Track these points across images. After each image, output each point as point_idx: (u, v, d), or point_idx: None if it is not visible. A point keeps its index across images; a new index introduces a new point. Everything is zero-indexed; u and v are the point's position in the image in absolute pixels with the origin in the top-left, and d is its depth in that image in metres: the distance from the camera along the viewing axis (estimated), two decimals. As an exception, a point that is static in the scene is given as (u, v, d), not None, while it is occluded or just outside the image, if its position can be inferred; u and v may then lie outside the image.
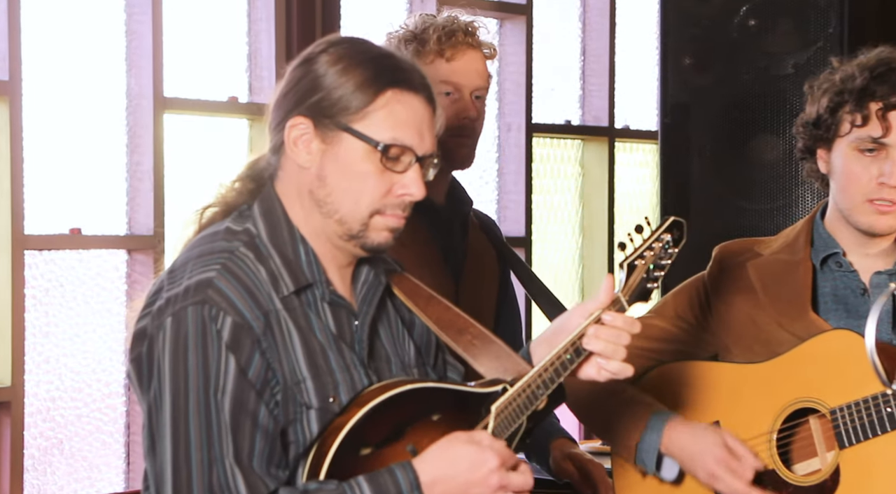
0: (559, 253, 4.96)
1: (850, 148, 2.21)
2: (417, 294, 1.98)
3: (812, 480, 2.18)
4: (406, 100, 1.86)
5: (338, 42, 1.90)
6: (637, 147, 5.18)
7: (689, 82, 3.77)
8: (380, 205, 1.86)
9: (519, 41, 4.63)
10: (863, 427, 2.12)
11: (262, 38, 3.78)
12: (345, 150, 1.85)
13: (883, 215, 2.19)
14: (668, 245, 1.98)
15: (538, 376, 1.89)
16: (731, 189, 3.71)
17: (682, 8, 3.76)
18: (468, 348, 1.93)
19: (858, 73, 2.21)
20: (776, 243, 2.34)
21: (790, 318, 2.24)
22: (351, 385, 1.84)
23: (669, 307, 2.36)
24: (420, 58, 2.58)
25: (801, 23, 3.54)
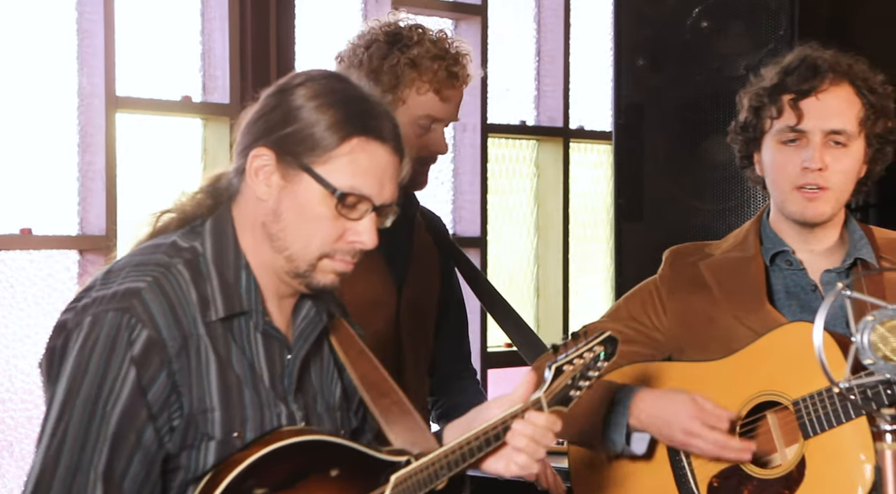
0: (514, 253, 4.97)
1: (774, 142, 2.25)
2: (350, 345, 1.97)
3: (777, 472, 2.19)
4: (372, 149, 1.85)
5: (317, 77, 1.89)
6: (592, 147, 5.20)
7: (642, 83, 3.79)
8: (330, 250, 1.86)
9: (474, 42, 4.64)
10: (826, 416, 2.14)
11: (215, 36, 3.76)
12: (303, 190, 1.85)
13: (811, 201, 2.22)
14: (598, 358, 2.03)
15: (444, 456, 1.89)
16: (685, 189, 3.73)
17: (635, 9, 3.78)
18: (385, 413, 1.94)
19: (774, 73, 2.27)
20: (726, 243, 2.37)
21: (747, 312, 2.25)
22: (260, 423, 1.83)
23: (623, 310, 2.38)
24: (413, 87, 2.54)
25: (753, 25, 3.57)
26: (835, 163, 2.22)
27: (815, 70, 2.23)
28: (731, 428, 2.20)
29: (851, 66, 2.25)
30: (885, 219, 3.90)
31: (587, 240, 5.23)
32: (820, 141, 2.21)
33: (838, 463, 2.14)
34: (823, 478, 2.15)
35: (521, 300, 4.97)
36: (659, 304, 2.33)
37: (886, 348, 1.76)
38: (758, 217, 2.35)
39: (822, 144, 2.21)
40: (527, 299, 5.00)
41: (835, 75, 2.23)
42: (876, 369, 1.77)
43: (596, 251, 5.26)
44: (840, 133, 2.22)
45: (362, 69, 2.57)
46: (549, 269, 5.01)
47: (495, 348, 4.62)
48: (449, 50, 2.58)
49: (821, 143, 2.21)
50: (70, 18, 3.52)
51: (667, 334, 2.33)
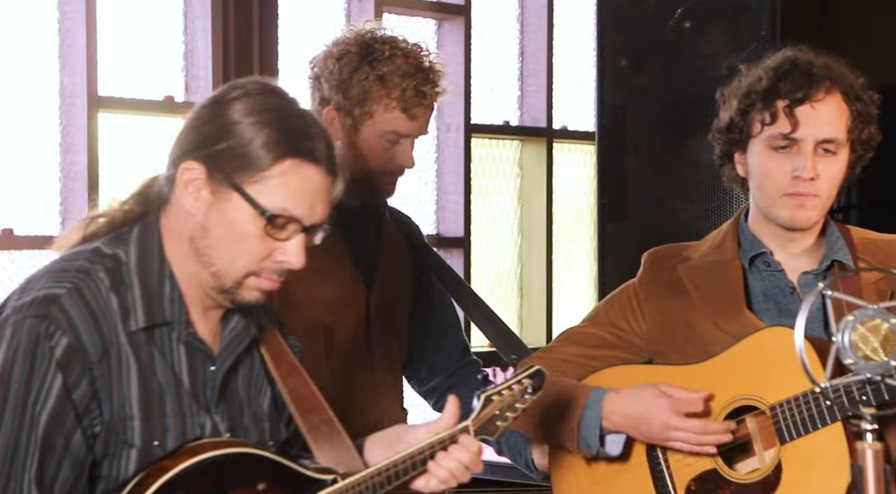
0: (498, 253, 4.97)
1: (764, 147, 2.24)
2: (281, 358, 1.97)
3: (754, 477, 2.20)
4: (304, 171, 1.84)
5: (254, 92, 1.86)
6: (575, 147, 5.21)
7: (625, 83, 3.80)
8: (257, 268, 1.85)
9: (457, 42, 4.64)
10: (803, 421, 2.15)
11: (198, 36, 3.76)
12: (232, 209, 1.83)
13: (801, 208, 2.22)
14: (526, 391, 2.05)
15: (370, 477, 1.89)
16: (667, 189, 3.74)
17: (617, 10, 3.79)
18: (312, 429, 1.93)
19: (764, 75, 2.24)
20: (704, 246, 2.36)
21: (725, 317, 2.26)
22: (182, 431, 1.83)
23: (602, 314, 2.38)
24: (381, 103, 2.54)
25: (735, 25, 3.58)
26: (824, 171, 2.22)
27: (810, 77, 2.21)
28: (705, 412, 2.21)
29: (842, 73, 2.25)
30: (867, 219, 3.92)
31: (570, 241, 5.24)
32: (812, 149, 2.21)
33: (814, 469, 2.14)
34: (799, 484, 2.15)
35: (504, 300, 4.97)
36: (638, 309, 2.34)
37: (867, 348, 1.77)
38: (735, 219, 2.34)
39: (813, 153, 2.21)
40: (510, 299, 5.01)
41: (830, 84, 2.22)
42: (857, 368, 1.77)
43: (579, 251, 5.27)
44: (831, 141, 2.22)
45: (332, 79, 2.58)
46: (533, 269, 5.02)
47: (478, 348, 4.62)
48: (420, 66, 2.57)
49: (812, 152, 2.21)
50: (52, 18, 3.50)
51: (646, 338, 2.33)
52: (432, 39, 4.66)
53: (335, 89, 2.58)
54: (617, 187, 3.88)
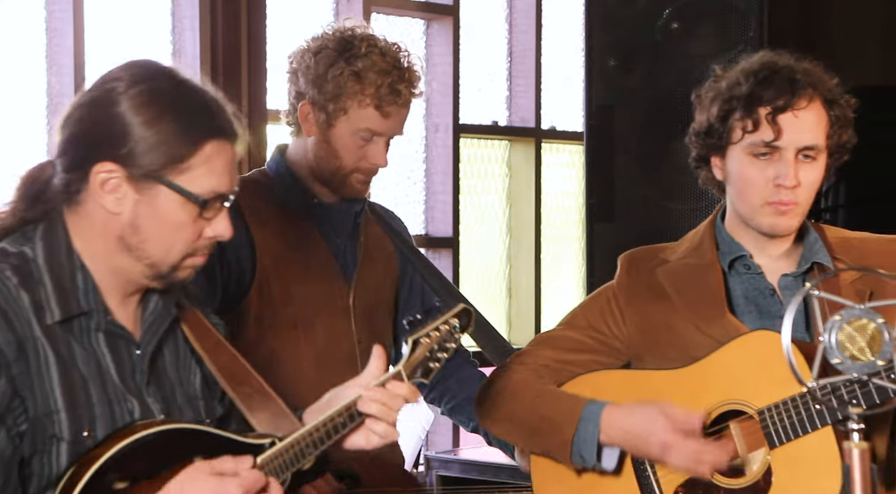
0: (487, 253, 4.97)
1: (744, 153, 2.22)
2: (205, 336, 1.97)
3: (743, 482, 2.18)
4: (223, 150, 1.85)
5: (140, 80, 1.84)
6: (563, 148, 5.22)
7: (613, 84, 3.80)
8: (191, 250, 1.87)
9: (446, 42, 4.64)
10: (792, 426, 2.14)
11: (186, 36, 3.75)
12: (162, 202, 1.83)
13: (783, 215, 2.21)
14: (454, 329, 2.06)
15: (308, 435, 1.90)
16: (656, 189, 3.74)
17: (606, 10, 3.79)
18: (246, 400, 1.94)
19: (744, 80, 2.22)
20: (681, 248, 2.34)
21: (707, 320, 2.24)
22: (111, 419, 1.82)
23: (580, 318, 2.35)
24: (355, 99, 2.55)
25: (723, 26, 3.59)
26: (805, 178, 2.21)
27: (793, 84, 2.19)
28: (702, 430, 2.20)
29: (822, 79, 2.24)
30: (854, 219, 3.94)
31: (559, 241, 5.24)
32: (793, 157, 2.20)
33: (806, 474, 2.13)
34: (790, 488, 2.14)
35: (493, 300, 4.98)
36: (618, 312, 2.31)
37: (854, 347, 1.77)
38: (711, 220, 2.33)
39: (794, 160, 2.20)
40: (499, 299, 5.01)
41: (812, 91, 2.21)
42: (844, 368, 1.77)
43: (568, 251, 5.27)
44: (812, 148, 2.21)
45: (308, 74, 2.59)
46: (521, 269, 5.02)
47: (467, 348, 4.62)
48: (397, 65, 2.58)
49: (794, 159, 2.20)
50: (39, 17, 3.50)
51: (626, 342, 2.31)
52: (421, 39, 4.66)
53: (311, 84, 2.59)
54: (605, 187, 3.88)
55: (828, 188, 4.02)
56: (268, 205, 2.64)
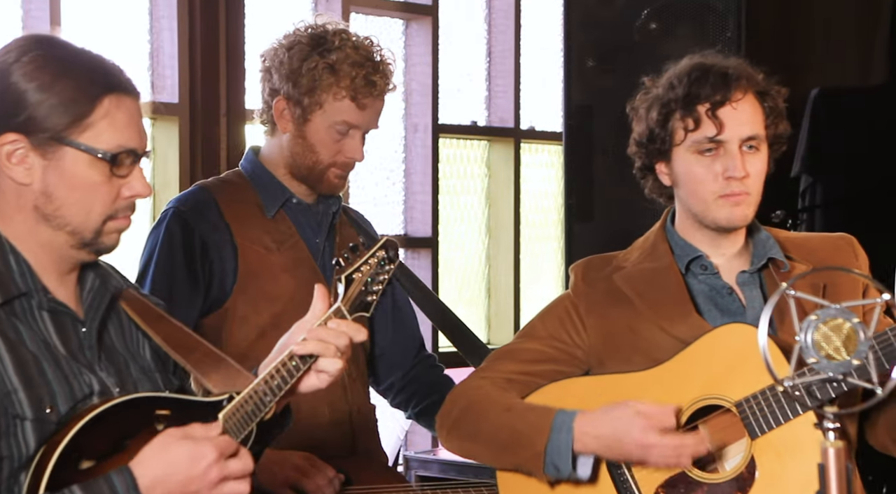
0: (466, 253, 4.98)
1: (689, 153, 2.25)
2: (146, 311, 1.97)
3: (727, 475, 2.19)
4: (123, 103, 1.85)
5: (29, 48, 1.83)
6: (542, 148, 5.22)
7: (592, 84, 3.81)
8: (111, 211, 1.86)
9: (425, 42, 4.64)
10: (773, 414, 2.15)
11: (164, 35, 3.74)
12: (70, 164, 1.82)
13: (737, 206, 2.24)
14: (383, 261, 2.09)
15: (265, 383, 1.90)
16: (634, 189, 3.73)
17: (585, 10, 3.80)
18: (197, 365, 1.94)
19: (678, 82, 2.26)
20: (633, 255, 2.35)
21: (672, 322, 2.25)
22: (70, 393, 1.82)
23: (540, 329, 2.35)
24: (330, 92, 2.56)
25: (700, 27, 3.60)
26: (752, 168, 2.24)
27: (726, 79, 2.23)
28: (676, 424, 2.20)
29: (751, 72, 2.27)
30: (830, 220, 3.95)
31: (538, 240, 5.25)
32: (737, 148, 2.23)
33: (791, 460, 2.14)
34: (777, 476, 2.15)
35: (472, 300, 4.98)
36: (578, 320, 2.31)
37: (829, 347, 1.78)
38: (660, 226, 2.35)
39: (739, 152, 2.23)
40: (478, 299, 5.01)
41: (746, 83, 2.25)
42: (819, 367, 1.78)
43: (547, 251, 5.28)
44: (754, 138, 2.25)
45: (282, 69, 2.59)
46: (501, 269, 5.03)
47: (446, 349, 4.62)
48: (370, 57, 2.59)
49: (738, 151, 2.23)
50: (15, 16, 3.48)
51: (587, 350, 2.31)
52: (400, 39, 4.66)
53: (285, 79, 2.60)
54: (584, 187, 3.89)
55: (805, 189, 4.05)
56: (247, 206, 2.65)
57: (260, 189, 2.66)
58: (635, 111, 2.33)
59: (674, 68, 2.31)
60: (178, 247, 2.60)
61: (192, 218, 2.61)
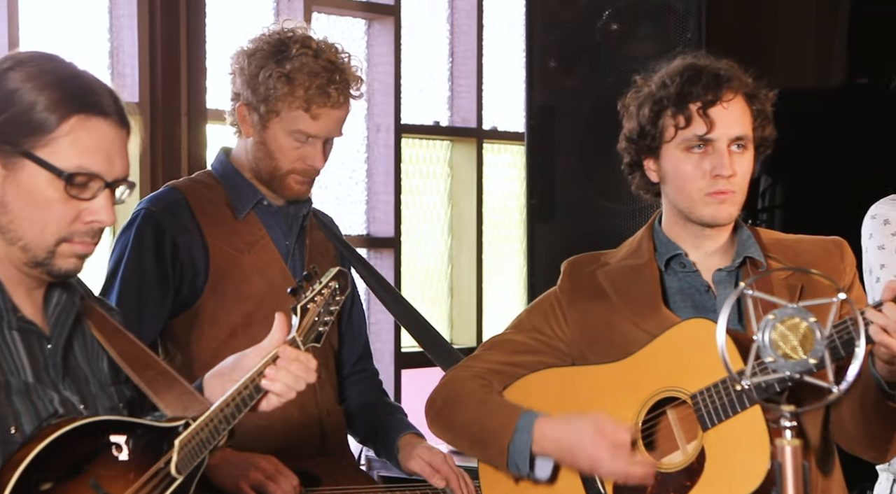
0: (428, 253, 4.97)
1: (679, 150, 2.30)
2: (104, 325, 1.96)
3: (679, 465, 2.24)
4: (93, 126, 1.81)
5: (26, 59, 1.83)
6: (505, 148, 5.23)
7: (554, 84, 3.83)
8: (67, 233, 1.82)
9: (387, 42, 4.64)
10: (723, 407, 2.19)
11: (124, 34, 3.71)
12: (27, 177, 1.79)
13: (722, 204, 2.28)
14: (335, 292, 2.12)
15: (220, 411, 1.91)
16: (596, 190, 3.77)
17: (546, 11, 3.81)
18: (151, 383, 1.94)
19: (670, 81, 2.30)
20: (621, 252, 2.42)
21: (644, 316, 2.31)
22: (34, 414, 1.81)
23: (526, 322, 2.42)
24: (286, 101, 2.55)
25: (661, 28, 3.62)
26: (739, 168, 2.29)
27: (718, 79, 2.28)
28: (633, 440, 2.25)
29: (741, 75, 2.32)
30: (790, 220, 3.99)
31: (500, 241, 5.26)
32: (726, 147, 2.28)
33: (736, 452, 2.19)
34: (722, 468, 2.19)
35: (434, 300, 4.98)
36: (560, 314, 2.38)
37: (786, 346, 1.80)
38: (650, 224, 2.40)
39: (727, 151, 2.28)
40: (441, 299, 5.01)
41: (738, 84, 2.30)
42: (776, 367, 1.80)
43: (509, 251, 5.29)
44: (742, 138, 2.30)
45: (243, 75, 2.60)
46: (463, 269, 5.03)
47: (409, 348, 4.62)
48: (328, 67, 2.57)
49: (726, 150, 2.28)
50: (-26, 14, 3.44)
51: (569, 343, 2.38)
52: (362, 39, 4.65)
53: (245, 85, 2.60)
54: (546, 187, 3.90)
55: (764, 189, 4.08)
56: (218, 208, 2.65)
57: (230, 190, 2.66)
58: (626, 108, 2.37)
59: (666, 67, 2.35)
60: (149, 248, 2.59)
61: (163, 219, 2.60)
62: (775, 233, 2.41)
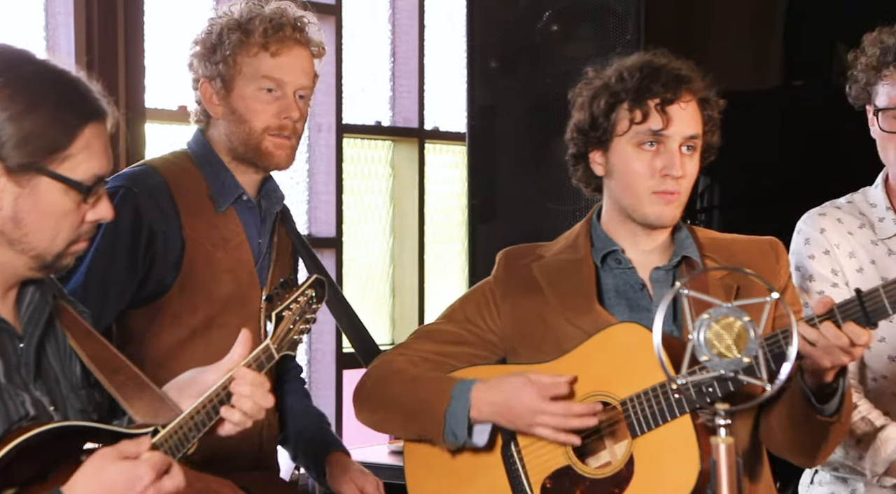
0: (370, 253, 4.97)
1: (630, 145, 2.29)
2: (76, 327, 1.96)
3: (607, 472, 2.23)
4: (99, 132, 1.84)
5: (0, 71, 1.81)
6: (447, 148, 5.24)
7: (494, 85, 3.83)
8: (75, 236, 1.86)
9: (328, 42, 4.57)
10: (653, 415, 2.19)
11: (60, 32, 3.67)
12: (45, 193, 1.82)
13: (668, 205, 2.28)
14: (312, 300, 2.10)
15: (190, 418, 1.90)
16: (536, 190, 3.78)
17: (487, 12, 3.82)
18: (120, 388, 1.93)
19: (629, 75, 2.29)
20: (557, 245, 2.40)
21: (577, 313, 2.30)
22: (5, 414, 1.80)
23: (459, 312, 2.40)
24: (243, 48, 2.53)
25: (601, 29, 3.64)
26: (687, 170, 2.29)
27: (678, 79, 2.29)
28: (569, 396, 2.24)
29: (698, 79, 2.33)
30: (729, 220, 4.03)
31: (442, 241, 5.26)
32: (677, 147, 2.28)
33: (665, 461, 2.19)
34: (651, 476, 2.20)
35: (376, 300, 4.97)
36: (493, 306, 2.36)
37: (721, 345, 1.81)
38: (588, 219, 2.39)
39: (679, 151, 2.28)
40: (383, 299, 5.01)
41: (697, 87, 2.31)
42: (711, 365, 1.82)
43: (451, 251, 5.30)
44: (695, 138, 2.30)
45: (200, 55, 2.57)
46: (405, 269, 5.03)
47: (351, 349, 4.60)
48: (280, 10, 2.56)
49: (678, 150, 2.28)
50: None
51: (501, 336, 2.36)
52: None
53: (203, 61, 2.56)
54: (487, 188, 3.91)
55: (703, 189, 4.12)
56: (199, 197, 2.57)
57: (212, 179, 2.59)
58: (576, 99, 2.35)
59: (622, 62, 2.34)
60: (126, 231, 2.50)
61: (143, 203, 2.51)
62: (712, 233, 2.41)
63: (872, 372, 2.52)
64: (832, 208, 2.59)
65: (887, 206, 2.54)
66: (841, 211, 2.58)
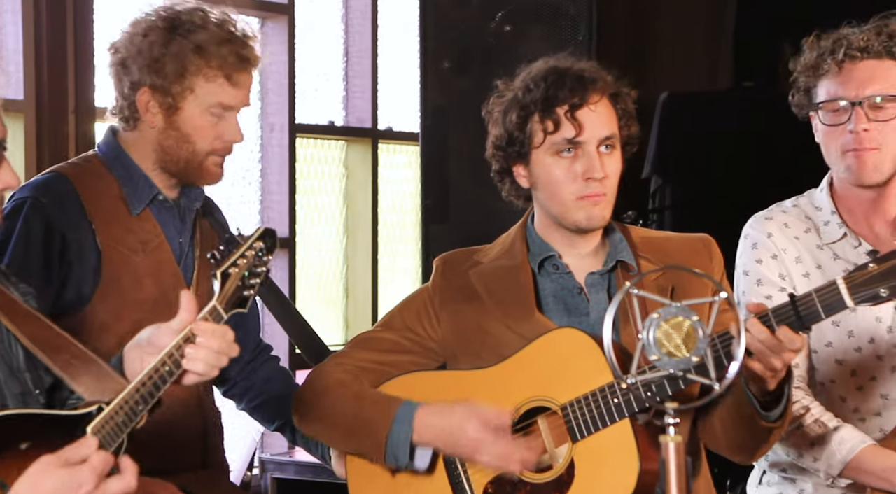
0: (323, 253, 4.95)
1: (548, 154, 2.27)
2: (13, 310, 1.91)
3: (548, 476, 2.23)
4: None
5: None
6: (400, 148, 5.23)
7: (448, 85, 3.84)
8: None
9: (281, 41, 4.60)
10: (593, 419, 2.19)
11: (8, 30, 3.63)
12: None
13: (596, 206, 2.27)
14: (261, 252, 2.01)
15: (136, 391, 1.84)
16: (488, 190, 3.76)
17: (440, 12, 3.83)
18: (66, 367, 1.88)
19: (534, 85, 2.28)
20: (493, 251, 2.39)
21: (517, 320, 2.29)
22: None
23: (397, 320, 2.38)
24: (200, 72, 2.44)
25: (553, 30, 3.66)
26: (609, 169, 2.28)
27: (583, 82, 2.26)
28: None
29: (605, 76, 2.31)
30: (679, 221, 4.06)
31: (396, 241, 5.26)
32: (595, 149, 2.27)
33: (605, 465, 2.19)
34: (591, 480, 2.20)
35: (330, 300, 4.96)
36: (433, 314, 2.34)
37: (670, 344, 1.82)
38: (522, 223, 2.38)
39: (597, 153, 2.27)
40: (336, 299, 4.99)
41: (603, 85, 2.28)
42: (661, 364, 1.83)
43: (405, 251, 5.29)
44: (611, 138, 2.29)
45: (141, 59, 2.46)
46: (358, 270, 5.02)
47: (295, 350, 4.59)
48: (235, 33, 2.48)
49: (596, 152, 2.27)
50: None
51: (441, 343, 2.35)
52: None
53: (146, 69, 2.46)
54: (440, 188, 3.91)
55: (655, 190, 4.14)
56: (111, 201, 2.50)
57: (124, 182, 2.51)
58: (491, 114, 2.34)
59: (527, 71, 2.33)
60: (37, 243, 2.43)
61: (53, 212, 2.44)
62: (645, 231, 2.40)
63: (821, 375, 2.54)
64: (779, 212, 2.60)
65: (832, 210, 2.55)
66: (787, 215, 2.58)
